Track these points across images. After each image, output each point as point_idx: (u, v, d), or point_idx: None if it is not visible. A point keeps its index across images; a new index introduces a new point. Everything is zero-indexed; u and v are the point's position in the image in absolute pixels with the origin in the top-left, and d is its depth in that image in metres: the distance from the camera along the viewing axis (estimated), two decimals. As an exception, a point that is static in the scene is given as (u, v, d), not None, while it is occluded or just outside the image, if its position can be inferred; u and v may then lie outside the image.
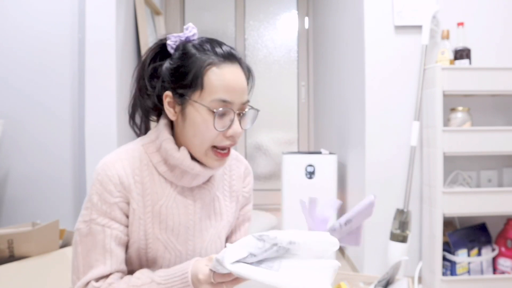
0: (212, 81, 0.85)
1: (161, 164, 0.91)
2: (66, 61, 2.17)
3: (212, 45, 0.88)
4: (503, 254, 2.02)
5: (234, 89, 0.86)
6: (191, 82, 0.86)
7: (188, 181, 0.92)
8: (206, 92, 0.86)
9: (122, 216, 0.88)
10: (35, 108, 2.16)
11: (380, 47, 2.17)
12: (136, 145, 0.94)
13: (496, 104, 2.16)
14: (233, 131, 0.86)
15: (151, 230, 0.90)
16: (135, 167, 0.90)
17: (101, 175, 0.87)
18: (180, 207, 0.93)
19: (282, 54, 4.12)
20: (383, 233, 2.14)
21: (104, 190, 0.86)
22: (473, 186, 2.15)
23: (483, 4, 2.15)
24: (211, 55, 0.87)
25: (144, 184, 0.90)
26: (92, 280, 0.85)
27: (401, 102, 2.16)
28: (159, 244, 0.91)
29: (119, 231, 0.88)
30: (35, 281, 1.60)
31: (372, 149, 2.18)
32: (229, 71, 0.87)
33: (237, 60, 0.89)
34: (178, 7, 4.05)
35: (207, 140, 0.87)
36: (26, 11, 2.15)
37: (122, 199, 0.88)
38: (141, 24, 2.47)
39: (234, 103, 0.87)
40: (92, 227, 0.86)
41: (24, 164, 2.16)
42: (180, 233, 0.93)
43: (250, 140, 4.13)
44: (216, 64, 0.86)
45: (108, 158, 0.90)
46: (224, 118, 0.87)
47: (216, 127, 0.85)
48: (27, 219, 2.09)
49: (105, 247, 0.85)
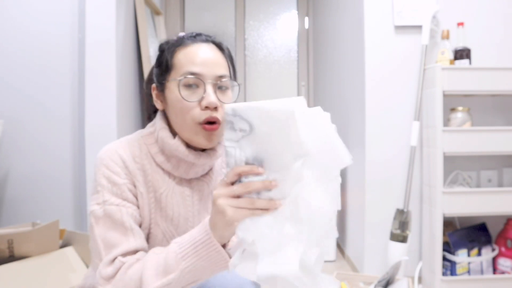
0: (180, 59, 0.90)
1: (158, 154, 0.92)
2: (66, 61, 2.17)
3: (186, 34, 0.93)
4: (503, 254, 2.02)
5: (201, 61, 0.88)
6: (165, 67, 0.91)
7: (185, 171, 0.93)
8: (176, 70, 0.90)
9: (133, 198, 0.89)
10: (35, 108, 2.16)
11: (380, 47, 2.17)
12: (136, 136, 0.96)
13: (496, 104, 2.16)
14: (206, 101, 0.87)
15: (154, 215, 0.92)
16: (135, 155, 0.91)
17: (105, 160, 0.88)
18: (178, 197, 0.94)
19: (282, 54, 4.12)
20: (383, 233, 2.14)
21: (111, 173, 0.87)
22: (473, 186, 2.15)
23: (483, 4, 2.15)
24: (181, 40, 0.92)
25: (145, 171, 0.91)
26: (119, 256, 0.82)
27: (401, 102, 2.16)
28: (159, 232, 0.92)
29: (133, 210, 0.87)
30: (35, 281, 1.60)
31: (372, 149, 2.17)
32: (196, 47, 0.90)
33: (209, 41, 0.93)
34: (178, 7, 4.05)
35: (187, 116, 0.88)
36: (26, 11, 2.15)
37: (129, 181, 0.89)
38: (141, 24, 2.47)
39: (204, 74, 0.88)
40: (106, 208, 0.85)
41: (24, 164, 2.16)
42: (179, 224, 0.94)
43: (250, 140, 4.12)
44: (184, 45, 0.91)
45: (110, 146, 0.91)
46: (197, 91, 0.88)
47: (185, 97, 0.87)
48: (27, 219, 2.09)
49: (125, 224, 0.85)
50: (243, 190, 0.70)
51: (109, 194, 0.86)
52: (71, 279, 1.66)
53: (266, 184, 0.68)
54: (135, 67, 2.49)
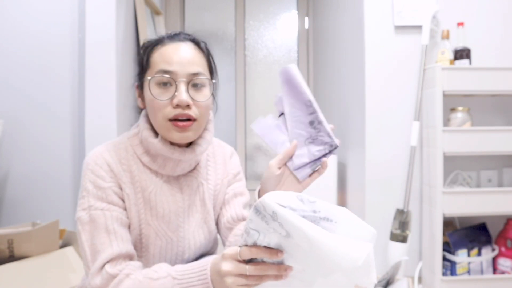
0: (155, 58, 0.91)
1: (144, 155, 0.93)
2: (66, 61, 2.17)
3: (166, 33, 0.95)
4: (503, 254, 2.02)
5: (174, 59, 0.89)
6: (143, 66, 0.93)
7: (171, 169, 0.94)
8: (151, 69, 0.91)
9: (119, 200, 0.90)
10: (35, 108, 2.16)
11: (380, 47, 2.16)
12: (122, 139, 0.97)
13: (496, 104, 2.16)
14: (177, 99, 0.88)
15: (143, 216, 0.92)
16: (121, 157, 0.92)
17: (91, 165, 0.89)
18: (168, 195, 0.95)
19: (282, 54, 4.12)
20: (383, 233, 2.14)
21: (96, 177, 0.88)
22: (473, 186, 2.15)
23: (483, 4, 2.15)
24: (160, 40, 0.93)
25: (132, 172, 0.92)
26: (106, 264, 0.83)
27: (401, 102, 2.16)
28: (151, 231, 0.93)
29: (118, 213, 0.88)
30: (35, 281, 1.59)
31: (372, 149, 2.17)
32: (172, 46, 0.91)
33: (187, 39, 0.93)
34: (178, 7, 4.05)
35: (159, 114, 0.89)
36: (26, 11, 2.15)
37: (114, 184, 0.89)
38: (141, 24, 2.47)
39: (176, 72, 0.89)
40: (91, 213, 0.86)
41: (24, 164, 2.16)
42: (171, 220, 0.95)
43: (250, 140, 4.13)
44: (161, 44, 0.92)
45: (96, 150, 0.93)
46: (170, 89, 0.89)
47: (156, 96, 0.88)
48: (27, 219, 2.09)
49: (108, 228, 0.86)
50: (255, 273, 0.69)
51: (94, 199, 0.87)
52: (71, 279, 1.66)
53: (281, 269, 0.68)
54: (135, 67, 2.49)
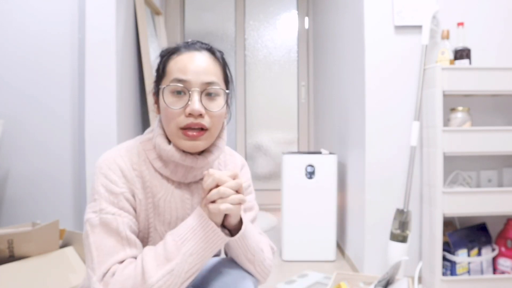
0: (171, 66, 0.92)
1: (156, 160, 0.93)
2: (66, 61, 2.17)
3: (183, 42, 0.95)
4: (503, 254, 2.02)
5: (189, 68, 0.90)
6: (160, 74, 0.94)
7: (183, 175, 0.94)
8: (167, 77, 0.92)
9: (130, 207, 0.90)
10: (35, 108, 2.16)
11: (380, 47, 2.17)
12: (135, 143, 0.97)
13: (496, 104, 2.16)
14: (189, 109, 0.88)
15: (152, 220, 0.93)
16: (133, 162, 0.93)
17: (103, 169, 0.89)
18: (177, 201, 0.95)
19: (282, 54, 4.12)
20: (383, 233, 2.14)
21: (109, 182, 0.88)
22: (473, 186, 2.15)
23: (483, 4, 2.15)
24: (176, 48, 0.94)
25: (143, 177, 0.92)
26: (116, 263, 0.83)
27: (401, 102, 2.16)
28: (157, 236, 0.93)
29: (129, 220, 0.88)
30: (35, 281, 1.60)
31: (372, 149, 2.18)
32: (188, 55, 0.92)
33: (203, 49, 0.94)
34: (178, 7, 4.05)
35: (172, 122, 0.90)
36: (26, 11, 2.15)
37: (126, 190, 0.90)
38: (141, 24, 2.47)
39: (190, 82, 0.89)
40: (102, 216, 0.86)
41: (24, 164, 2.16)
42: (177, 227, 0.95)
43: (250, 140, 4.13)
44: (178, 53, 0.93)
45: (108, 154, 0.92)
46: (183, 98, 0.90)
47: (169, 104, 0.89)
48: (27, 219, 2.09)
49: (121, 234, 0.85)
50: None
51: (106, 203, 0.87)
52: (71, 279, 1.66)
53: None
54: (135, 67, 2.50)
